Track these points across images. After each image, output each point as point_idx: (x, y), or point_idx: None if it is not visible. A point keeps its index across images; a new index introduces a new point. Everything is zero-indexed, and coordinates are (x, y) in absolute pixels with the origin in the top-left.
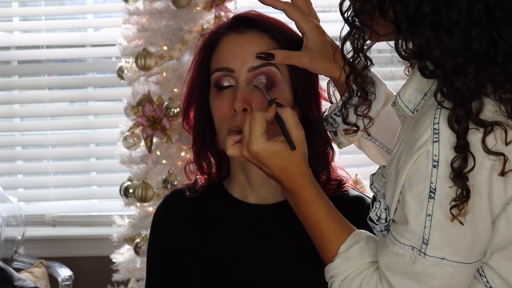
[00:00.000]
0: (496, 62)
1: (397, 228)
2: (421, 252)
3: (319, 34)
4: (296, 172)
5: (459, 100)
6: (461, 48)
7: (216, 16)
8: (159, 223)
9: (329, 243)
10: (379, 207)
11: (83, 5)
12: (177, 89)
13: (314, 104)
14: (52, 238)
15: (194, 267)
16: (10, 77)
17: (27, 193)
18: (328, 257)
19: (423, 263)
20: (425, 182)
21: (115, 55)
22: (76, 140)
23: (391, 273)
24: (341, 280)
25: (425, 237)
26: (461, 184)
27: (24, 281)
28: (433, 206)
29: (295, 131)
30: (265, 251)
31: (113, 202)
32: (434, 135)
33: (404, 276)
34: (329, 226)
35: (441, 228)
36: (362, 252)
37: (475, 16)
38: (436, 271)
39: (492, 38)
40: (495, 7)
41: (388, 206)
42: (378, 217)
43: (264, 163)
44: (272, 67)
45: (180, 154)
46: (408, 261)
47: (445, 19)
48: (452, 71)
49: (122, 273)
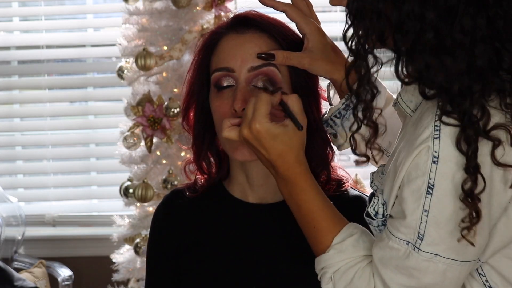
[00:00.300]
0: (502, 69)
1: (393, 223)
2: (415, 247)
3: (320, 36)
4: (293, 159)
5: (468, 121)
6: (466, 69)
7: (216, 16)
8: (159, 223)
9: (323, 233)
10: (377, 202)
11: (83, 5)
12: (177, 89)
13: (314, 104)
14: (52, 238)
15: (194, 267)
16: (10, 77)
17: (27, 193)
18: (320, 248)
19: (417, 258)
20: (424, 178)
21: (115, 55)
22: (76, 140)
23: (384, 267)
24: (333, 271)
25: (420, 232)
26: (472, 206)
27: (24, 281)
28: (430, 202)
29: (299, 116)
30: (265, 250)
31: (113, 202)
32: (435, 131)
33: (396, 271)
34: (323, 216)
35: (437, 225)
36: (356, 245)
37: (478, 33)
38: (429, 266)
39: (495, 49)
40: (496, 17)
41: (385, 201)
42: (375, 212)
43: (263, 144)
44: (272, 67)
45: (180, 154)
46: (402, 255)
47: (449, 42)
48: (458, 93)
49: (122, 273)
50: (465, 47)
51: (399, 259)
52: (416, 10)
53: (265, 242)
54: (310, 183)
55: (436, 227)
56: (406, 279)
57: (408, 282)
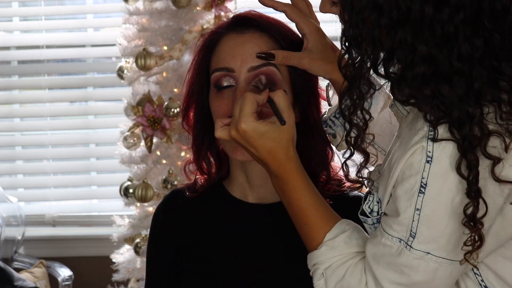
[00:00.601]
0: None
1: (387, 220)
2: (407, 245)
3: (320, 36)
4: (283, 156)
5: (468, 145)
6: (464, 94)
7: (216, 16)
8: (159, 223)
9: (315, 230)
10: (372, 200)
11: (83, 5)
12: (177, 89)
13: (314, 104)
14: (52, 238)
15: (194, 267)
16: (10, 77)
17: (27, 193)
18: (313, 244)
19: (408, 256)
20: (417, 177)
21: (115, 55)
22: (76, 140)
23: (376, 263)
24: (325, 268)
25: (412, 230)
26: (475, 230)
27: (24, 281)
28: (423, 201)
29: (286, 112)
30: (265, 250)
31: (113, 202)
32: (430, 132)
33: (388, 267)
34: (315, 213)
35: (429, 223)
36: (348, 241)
37: (476, 55)
38: (420, 264)
39: (492, 67)
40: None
41: (380, 199)
42: (370, 210)
43: (251, 143)
44: (272, 67)
45: (180, 154)
46: (394, 252)
47: (445, 69)
48: (458, 119)
49: (122, 273)
50: (464, 73)
51: (392, 256)
52: (408, 40)
53: (265, 242)
54: (302, 180)
55: (428, 226)
56: (397, 276)
57: (399, 279)
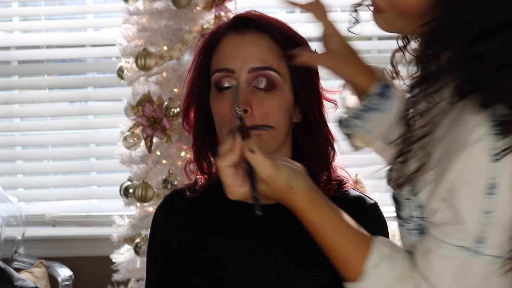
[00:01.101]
0: None
1: (444, 230)
2: (476, 252)
3: (342, 38)
4: (286, 197)
5: None
6: None
7: (216, 16)
8: (159, 223)
9: (348, 262)
10: (410, 206)
11: (83, 5)
12: (177, 89)
13: (315, 104)
14: (52, 238)
15: (194, 267)
16: (10, 77)
17: (27, 193)
18: (351, 276)
19: (478, 263)
20: (484, 178)
21: (115, 55)
22: (76, 140)
23: (440, 281)
24: None
25: (482, 235)
26: None
27: (24, 281)
28: (494, 203)
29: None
30: (265, 251)
31: (113, 202)
32: (495, 127)
33: (454, 282)
34: (341, 247)
35: (503, 225)
36: (392, 266)
37: None
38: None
39: None
40: None
41: (423, 204)
42: (410, 216)
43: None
44: (271, 71)
45: (180, 154)
46: (462, 263)
47: None
48: None
49: (122, 273)
50: None
51: (458, 268)
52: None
53: (265, 242)
54: (317, 216)
55: (502, 228)
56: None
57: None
